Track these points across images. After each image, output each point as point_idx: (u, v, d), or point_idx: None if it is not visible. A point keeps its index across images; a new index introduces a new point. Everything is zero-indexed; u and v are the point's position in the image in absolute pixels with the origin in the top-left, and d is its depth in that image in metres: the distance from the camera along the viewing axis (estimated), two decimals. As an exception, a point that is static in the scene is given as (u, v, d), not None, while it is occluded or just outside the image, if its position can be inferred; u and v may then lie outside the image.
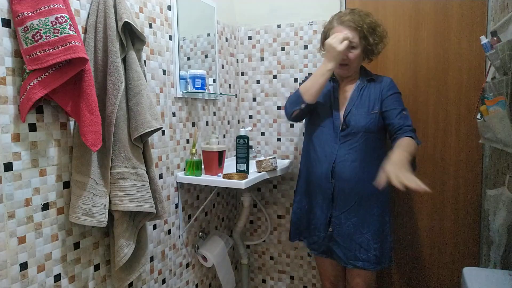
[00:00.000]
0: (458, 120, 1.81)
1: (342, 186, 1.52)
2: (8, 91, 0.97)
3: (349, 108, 1.54)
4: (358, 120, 1.51)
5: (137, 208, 1.21)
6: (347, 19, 1.50)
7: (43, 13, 0.94)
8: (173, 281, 1.67)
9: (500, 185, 1.46)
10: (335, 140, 1.54)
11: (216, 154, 1.64)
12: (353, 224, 1.52)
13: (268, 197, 2.19)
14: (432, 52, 1.82)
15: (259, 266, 2.26)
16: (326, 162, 1.54)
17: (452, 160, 1.82)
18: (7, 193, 0.98)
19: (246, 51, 2.17)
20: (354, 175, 1.51)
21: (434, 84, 1.82)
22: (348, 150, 1.51)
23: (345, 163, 1.51)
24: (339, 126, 1.54)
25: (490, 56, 1.27)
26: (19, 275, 1.01)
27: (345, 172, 1.51)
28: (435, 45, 1.81)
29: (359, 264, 1.51)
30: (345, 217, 1.53)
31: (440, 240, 1.88)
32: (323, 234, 1.57)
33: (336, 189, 1.53)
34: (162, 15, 1.54)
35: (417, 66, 1.84)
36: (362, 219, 1.52)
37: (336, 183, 1.53)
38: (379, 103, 1.54)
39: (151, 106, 1.23)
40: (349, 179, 1.51)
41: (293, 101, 1.57)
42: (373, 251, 1.51)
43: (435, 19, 1.80)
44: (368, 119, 1.51)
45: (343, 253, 1.53)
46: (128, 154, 1.19)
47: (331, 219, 1.55)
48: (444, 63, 1.80)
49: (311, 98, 1.51)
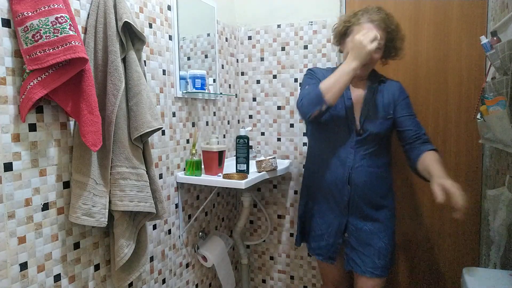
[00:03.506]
0: (458, 120, 1.81)
1: (359, 192, 1.47)
2: (8, 91, 0.97)
3: (365, 112, 1.47)
4: (375, 126, 1.46)
5: (137, 208, 1.21)
6: (377, 18, 1.40)
7: (43, 13, 0.94)
8: (173, 281, 1.67)
9: (500, 185, 1.46)
10: (350, 144, 1.47)
11: (216, 154, 1.64)
12: (370, 229, 1.48)
13: (268, 197, 2.19)
14: (432, 52, 1.82)
15: (259, 266, 2.26)
16: (341, 167, 1.48)
17: (452, 160, 1.82)
18: (7, 193, 0.98)
19: (246, 51, 2.17)
20: (369, 180, 1.47)
21: (434, 84, 1.82)
22: (363, 155, 1.47)
23: (362, 169, 1.46)
24: (354, 130, 1.47)
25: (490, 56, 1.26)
26: (19, 275, 1.01)
27: (362, 178, 1.46)
28: (435, 45, 1.81)
29: (378, 272, 1.47)
30: (362, 222, 1.49)
31: (440, 240, 1.88)
32: (332, 240, 1.53)
33: (352, 195, 1.47)
34: (162, 15, 1.54)
35: (417, 66, 1.84)
36: (379, 224, 1.49)
37: (352, 189, 1.47)
38: (393, 108, 1.49)
39: (151, 106, 1.23)
40: (365, 185, 1.47)
41: (312, 101, 1.36)
42: (388, 256, 1.49)
43: (435, 19, 1.80)
44: (385, 124, 1.48)
45: (361, 259, 1.48)
46: (128, 154, 1.19)
47: (347, 225, 1.50)
48: (444, 63, 1.80)
49: (333, 98, 1.33)
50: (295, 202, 2.12)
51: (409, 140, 1.49)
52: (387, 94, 1.51)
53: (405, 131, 1.49)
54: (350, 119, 1.48)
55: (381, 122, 1.47)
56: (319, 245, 1.57)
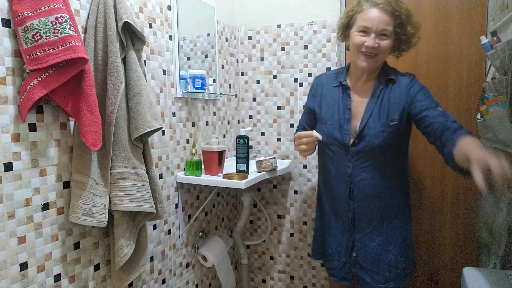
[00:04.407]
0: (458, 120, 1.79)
1: (363, 206, 1.38)
2: (8, 91, 0.97)
3: (365, 120, 1.33)
4: (374, 135, 1.31)
5: (137, 208, 1.21)
6: (382, 1, 1.27)
7: (43, 13, 0.94)
8: (173, 281, 1.67)
9: (500, 185, 1.45)
10: (347, 157, 1.36)
11: (216, 154, 1.64)
12: (378, 244, 1.38)
13: (268, 197, 2.19)
14: (432, 52, 1.82)
15: (259, 266, 2.26)
16: (343, 183, 1.39)
17: (452, 160, 1.82)
18: (7, 193, 0.98)
19: (246, 51, 2.17)
20: (374, 193, 1.36)
21: (434, 84, 1.82)
22: (363, 167, 1.35)
23: (363, 182, 1.35)
24: (348, 141, 1.35)
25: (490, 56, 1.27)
26: (19, 275, 1.01)
27: (365, 191, 1.36)
28: (435, 45, 1.81)
29: (391, 285, 1.37)
30: (369, 238, 1.39)
31: (440, 240, 1.88)
32: (343, 259, 1.43)
33: (356, 211, 1.39)
34: (162, 15, 1.54)
35: (417, 66, 1.84)
36: (387, 237, 1.38)
37: (356, 204, 1.38)
38: (400, 111, 1.31)
39: (151, 106, 1.23)
40: (369, 198, 1.36)
41: None
42: (400, 265, 1.38)
43: (435, 19, 1.80)
44: (386, 133, 1.31)
45: (371, 277, 1.38)
46: (128, 154, 1.19)
47: (354, 243, 1.41)
48: (444, 63, 1.80)
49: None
50: (295, 202, 2.12)
51: (437, 134, 1.25)
52: (396, 95, 1.33)
53: (430, 126, 1.26)
54: (344, 131, 1.36)
55: (382, 131, 1.31)
56: (332, 265, 1.48)
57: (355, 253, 1.41)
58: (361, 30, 1.29)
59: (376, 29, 1.27)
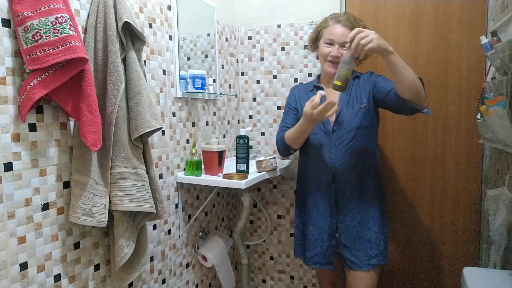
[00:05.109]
0: (458, 120, 1.81)
1: (343, 187, 1.53)
2: (8, 91, 0.97)
3: (339, 108, 1.53)
4: (350, 118, 1.52)
5: (137, 208, 1.21)
6: (344, 18, 1.54)
7: (43, 13, 0.94)
8: (173, 281, 1.67)
9: (500, 185, 1.46)
10: (330, 144, 1.54)
11: (216, 154, 1.64)
12: (358, 222, 1.53)
13: (268, 197, 2.19)
14: (432, 52, 1.82)
15: (259, 266, 2.26)
16: (327, 169, 1.54)
17: (452, 160, 1.82)
18: (7, 193, 0.98)
19: (246, 51, 2.17)
20: (353, 174, 1.52)
21: (434, 84, 1.82)
22: (344, 150, 1.51)
23: (344, 165, 1.51)
24: (330, 129, 1.54)
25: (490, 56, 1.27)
26: (19, 275, 1.01)
27: (345, 173, 1.52)
28: (435, 45, 1.81)
29: (374, 262, 1.51)
30: (350, 217, 1.53)
31: (440, 240, 1.88)
32: (327, 243, 1.56)
33: (338, 193, 1.54)
34: (162, 15, 1.54)
35: (417, 66, 1.84)
36: (366, 214, 1.53)
37: (337, 187, 1.53)
38: (367, 95, 1.53)
39: (151, 106, 1.23)
40: (349, 180, 1.52)
41: (283, 148, 1.62)
42: (382, 243, 1.53)
43: (435, 19, 1.80)
44: (360, 114, 1.52)
45: (355, 256, 1.52)
46: (128, 154, 1.19)
47: (337, 225, 1.55)
48: (444, 63, 1.80)
49: (299, 146, 1.59)
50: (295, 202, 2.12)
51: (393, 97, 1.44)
52: (361, 84, 1.57)
53: (388, 94, 1.46)
54: (325, 121, 1.52)
55: (355, 113, 1.52)
56: (314, 252, 1.59)
57: (338, 233, 1.56)
58: (327, 42, 1.55)
59: (339, 41, 1.52)
